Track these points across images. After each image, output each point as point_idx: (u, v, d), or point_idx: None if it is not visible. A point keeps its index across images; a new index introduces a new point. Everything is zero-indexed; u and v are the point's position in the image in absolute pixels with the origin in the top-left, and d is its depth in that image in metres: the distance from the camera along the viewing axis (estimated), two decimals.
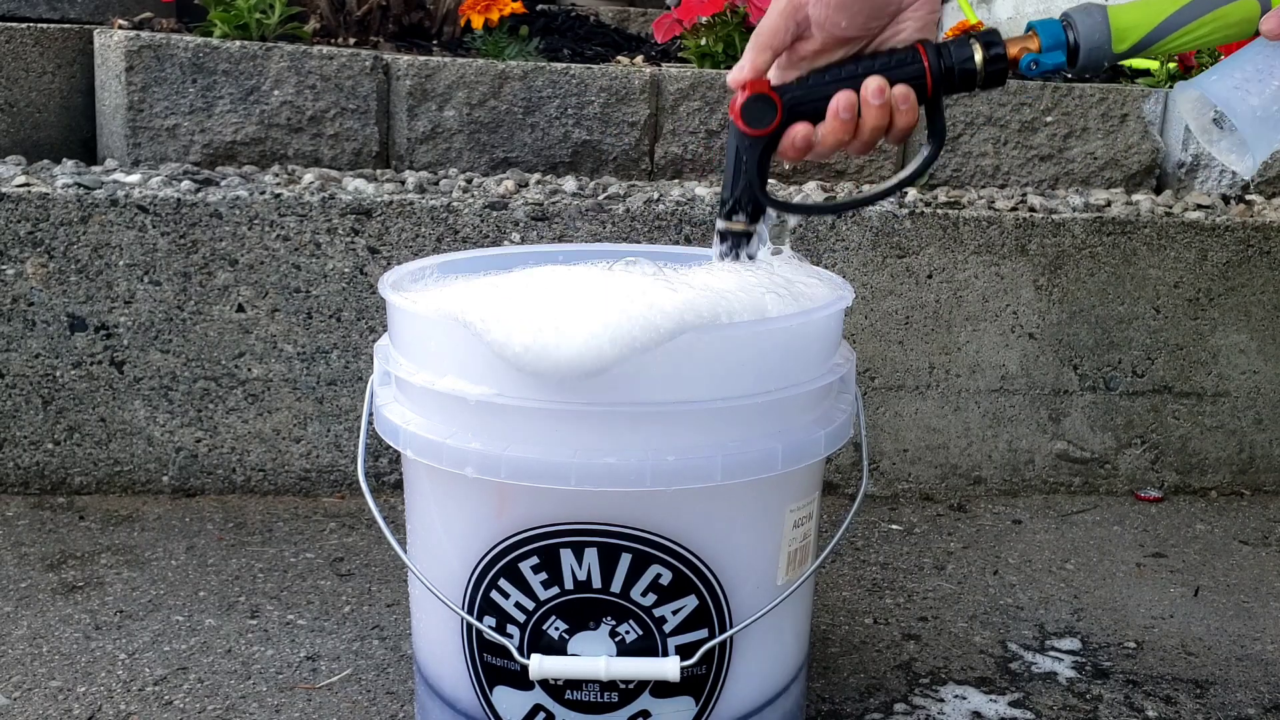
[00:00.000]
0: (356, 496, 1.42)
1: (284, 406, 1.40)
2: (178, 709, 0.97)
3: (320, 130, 1.60)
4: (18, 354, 1.35)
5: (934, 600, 1.23)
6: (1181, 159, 1.78)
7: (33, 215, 1.32)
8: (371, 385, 0.89)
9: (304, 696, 1.00)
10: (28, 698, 0.98)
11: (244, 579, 1.20)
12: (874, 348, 1.47)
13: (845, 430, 0.87)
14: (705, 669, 0.85)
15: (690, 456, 0.78)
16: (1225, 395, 1.55)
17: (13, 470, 1.37)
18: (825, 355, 0.87)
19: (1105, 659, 1.12)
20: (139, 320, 1.36)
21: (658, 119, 1.69)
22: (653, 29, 1.92)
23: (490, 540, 0.82)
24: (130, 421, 1.38)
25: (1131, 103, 1.77)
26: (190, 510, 1.36)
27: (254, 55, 1.57)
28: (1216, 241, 1.51)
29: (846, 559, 1.32)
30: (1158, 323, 1.52)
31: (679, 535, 0.81)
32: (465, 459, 0.78)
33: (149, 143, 1.57)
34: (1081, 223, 1.49)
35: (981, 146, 1.75)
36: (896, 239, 1.45)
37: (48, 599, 1.14)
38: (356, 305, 1.39)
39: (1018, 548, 1.37)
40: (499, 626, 0.83)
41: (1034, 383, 1.51)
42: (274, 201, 1.35)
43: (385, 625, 1.12)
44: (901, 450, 1.51)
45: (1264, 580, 1.32)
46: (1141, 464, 1.55)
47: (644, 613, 0.82)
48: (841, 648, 1.12)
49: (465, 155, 1.65)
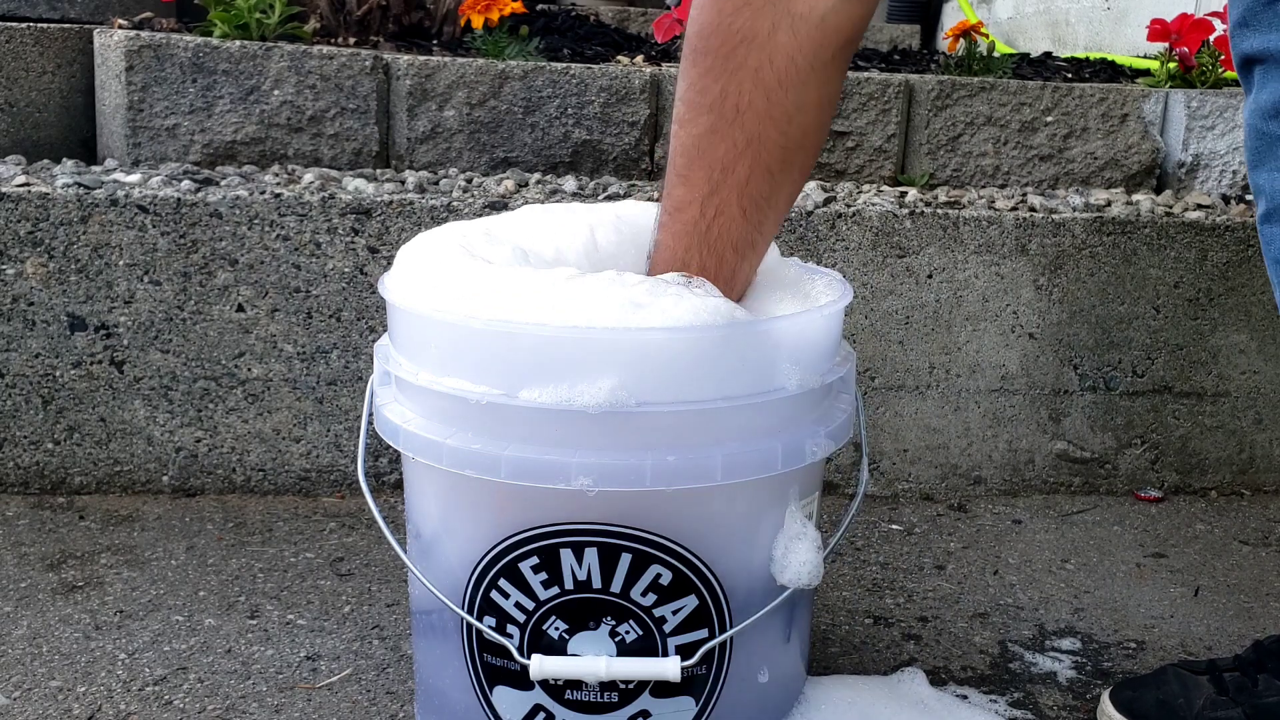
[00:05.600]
0: (356, 496, 1.42)
1: (284, 406, 1.40)
2: (178, 709, 0.97)
3: (320, 130, 1.60)
4: (18, 354, 1.35)
5: (934, 600, 1.23)
6: (1182, 159, 1.78)
7: (33, 215, 1.32)
8: (371, 385, 0.89)
9: (304, 696, 1.00)
10: (28, 698, 0.97)
11: (244, 579, 1.20)
12: (874, 348, 1.47)
13: (845, 430, 0.87)
14: (705, 669, 0.85)
15: (690, 456, 0.78)
16: (1225, 395, 1.55)
17: (13, 470, 1.37)
18: (825, 355, 0.87)
19: (1105, 659, 1.12)
20: (139, 320, 1.36)
21: (658, 119, 1.69)
22: (653, 29, 1.91)
23: (490, 540, 0.82)
24: (130, 421, 1.38)
25: (1132, 103, 1.77)
26: (190, 510, 1.36)
27: (254, 55, 1.57)
28: (1217, 241, 1.51)
29: (846, 559, 1.32)
30: (1158, 323, 1.52)
31: (679, 535, 0.81)
32: (465, 459, 0.78)
33: (149, 142, 1.57)
34: (1082, 223, 1.49)
35: (981, 146, 1.75)
36: (896, 239, 1.45)
37: (48, 599, 1.14)
38: (356, 305, 1.39)
39: (1018, 548, 1.37)
40: (499, 626, 0.83)
41: (1034, 383, 1.51)
42: (274, 201, 1.35)
43: (385, 625, 1.12)
44: (901, 450, 1.51)
45: (1264, 580, 1.32)
46: (1141, 464, 1.55)
47: (644, 613, 0.82)
48: (841, 648, 1.12)
49: (465, 155, 1.65)
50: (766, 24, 0.77)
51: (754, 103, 0.79)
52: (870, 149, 1.74)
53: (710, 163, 0.81)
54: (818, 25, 0.77)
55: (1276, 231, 0.89)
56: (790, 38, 0.77)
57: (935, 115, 1.73)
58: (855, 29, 0.79)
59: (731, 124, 0.79)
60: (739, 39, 0.77)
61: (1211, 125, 1.77)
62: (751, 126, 0.79)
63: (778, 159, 0.81)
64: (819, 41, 0.78)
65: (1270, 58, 0.86)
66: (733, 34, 0.78)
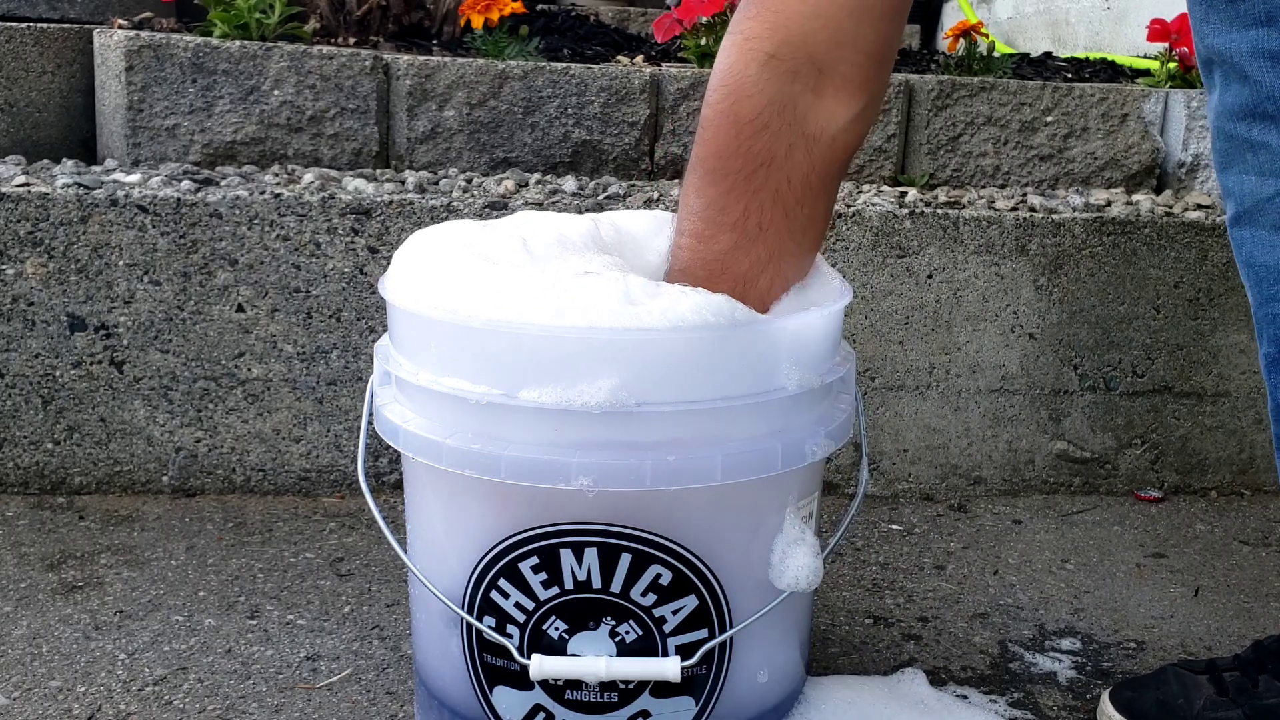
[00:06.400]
0: (356, 496, 1.42)
1: (284, 406, 1.40)
2: (177, 709, 0.97)
3: (320, 130, 1.60)
4: (18, 354, 1.35)
5: (934, 600, 1.23)
6: (1182, 159, 1.78)
7: (32, 215, 1.32)
8: (371, 385, 0.89)
9: (304, 696, 1.00)
10: (27, 698, 0.97)
11: (244, 579, 1.20)
12: (874, 348, 1.47)
13: (845, 430, 0.87)
14: (705, 669, 0.85)
15: (690, 456, 0.78)
16: (1225, 395, 1.55)
17: (13, 470, 1.37)
18: (825, 355, 0.87)
19: (1105, 659, 1.12)
20: (139, 320, 1.36)
21: (658, 119, 1.69)
22: (653, 29, 1.91)
23: (490, 540, 0.82)
24: (130, 421, 1.38)
25: (1132, 103, 1.77)
26: (190, 510, 1.36)
27: (254, 55, 1.57)
28: (1217, 241, 1.51)
29: (846, 559, 1.32)
30: (1158, 323, 1.52)
31: (679, 535, 0.81)
32: (465, 459, 0.78)
33: (149, 142, 1.57)
34: (1082, 223, 1.49)
35: (982, 146, 1.75)
36: (897, 239, 1.45)
37: (47, 599, 1.14)
38: (356, 305, 1.39)
39: (1018, 548, 1.37)
40: (499, 626, 0.83)
41: (1034, 383, 1.51)
42: (274, 201, 1.35)
43: (385, 625, 1.12)
44: (901, 450, 1.51)
45: (1264, 580, 1.32)
46: (1142, 464, 1.55)
47: (644, 613, 0.82)
48: (841, 648, 1.12)
49: (465, 155, 1.65)
50: (784, 146, 0.81)
51: (775, 220, 0.83)
52: (870, 149, 1.74)
53: (734, 277, 0.84)
54: (829, 145, 0.82)
55: (1246, 235, 0.90)
56: (805, 158, 0.82)
57: (935, 115, 1.73)
58: (858, 145, 0.85)
59: (754, 241, 0.84)
60: (759, 162, 0.82)
61: None
62: (773, 242, 0.84)
63: (793, 267, 0.87)
64: (829, 159, 0.83)
65: (1230, 58, 0.86)
66: (753, 157, 0.82)
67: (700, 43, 1.81)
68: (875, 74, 0.82)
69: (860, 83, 0.81)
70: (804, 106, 0.80)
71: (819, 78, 0.80)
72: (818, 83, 0.80)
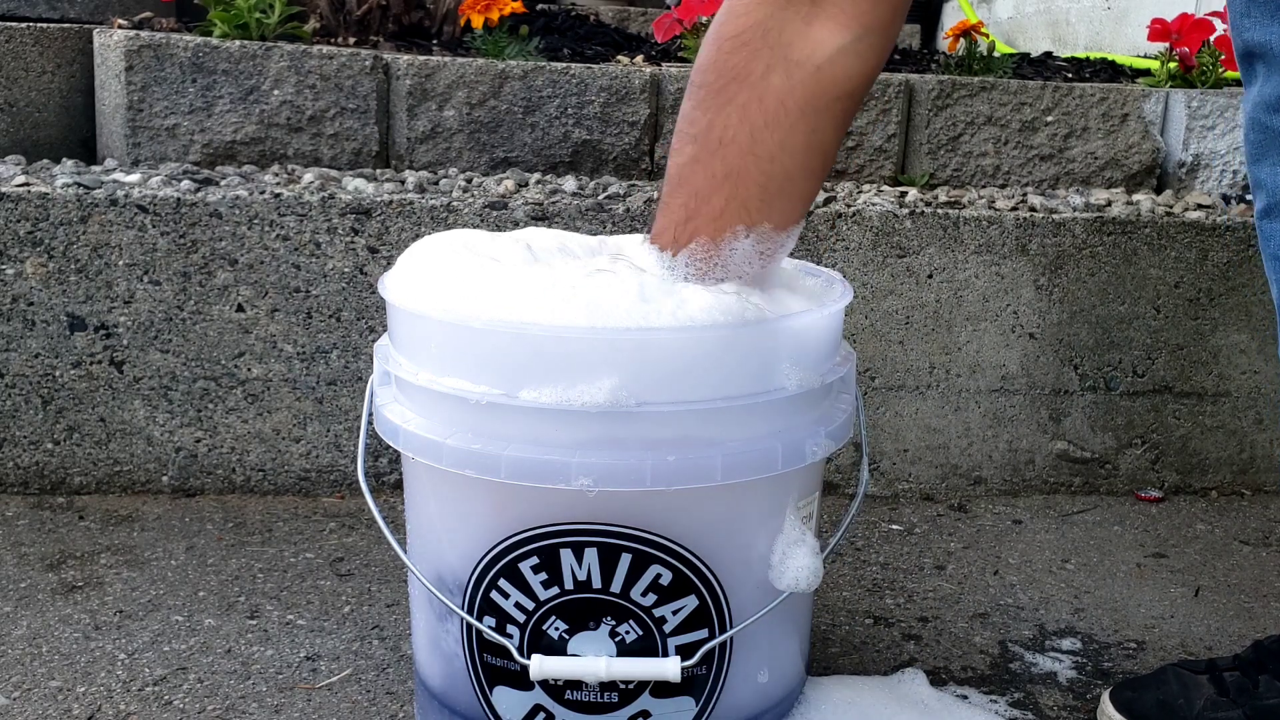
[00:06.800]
0: (356, 496, 1.42)
1: (284, 406, 1.40)
2: (177, 709, 0.97)
3: (320, 130, 1.60)
4: (17, 354, 1.35)
5: (934, 600, 1.23)
6: (1182, 159, 1.78)
7: (32, 215, 1.32)
8: (371, 385, 0.89)
9: (304, 696, 1.00)
10: (27, 698, 0.97)
11: (244, 579, 1.20)
12: (874, 348, 1.47)
13: (845, 430, 0.87)
14: (705, 669, 0.85)
15: (690, 456, 0.78)
16: (1226, 395, 1.55)
17: (12, 470, 1.37)
18: (825, 355, 0.87)
19: (1106, 659, 1.12)
20: (139, 320, 1.36)
21: (658, 119, 1.69)
22: (653, 29, 1.91)
23: (490, 540, 0.82)
24: (130, 421, 1.38)
25: (1132, 103, 1.77)
26: (190, 510, 1.36)
27: (254, 55, 1.57)
28: (1217, 241, 1.51)
29: (846, 559, 1.32)
30: (1158, 323, 1.52)
31: (679, 535, 0.80)
32: (465, 459, 0.78)
33: (149, 142, 1.57)
34: (1082, 222, 1.49)
35: (982, 146, 1.75)
36: (897, 239, 1.45)
37: (47, 599, 1.14)
38: (356, 305, 1.38)
39: (1018, 548, 1.37)
40: (499, 626, 0.83)
41: (1034, 383, 1.51)
42: (274, 201, 1.35)
43: (385, 625, 1.12)
44: (901, 450, 1.51)
45: (1264, 580, 1.31)
46: (1142, 464, 1.55)
47: (644, 613, 0.82)
48: (841, 648, 1.12)
49: (465, 155, 1.65)
50: (761, 65, 0.79)
51: (737, 137, 0.80)
52: (870, 149, 1.74)
53: (688, 191, 0.82)
54: (813, 73, 0.79)
55: (1276, 227, 0.89)
56: (784, 81, 0.79)
57: (935, 115, 1.73)
58: (854, 83, 0.81)
59: (713, 155, 0.81)
60: (731, 75, 0.80)
61: (1212, 125, 1.77)
62: (732, 160, 0.81)
63: (756, 197, 0.82)
64: (813, 89, 0.80)
65: (1272, 50, 0.86)
66: (726, 70, 0.80)
67: (700, 42, 1.81)
68: (871, 6, 0.79)
69: (855, 14, 0.79)
70: (792, 32, 0.79)
71: (812, 7, 0.79)
72: (810, 11, 0.79)
